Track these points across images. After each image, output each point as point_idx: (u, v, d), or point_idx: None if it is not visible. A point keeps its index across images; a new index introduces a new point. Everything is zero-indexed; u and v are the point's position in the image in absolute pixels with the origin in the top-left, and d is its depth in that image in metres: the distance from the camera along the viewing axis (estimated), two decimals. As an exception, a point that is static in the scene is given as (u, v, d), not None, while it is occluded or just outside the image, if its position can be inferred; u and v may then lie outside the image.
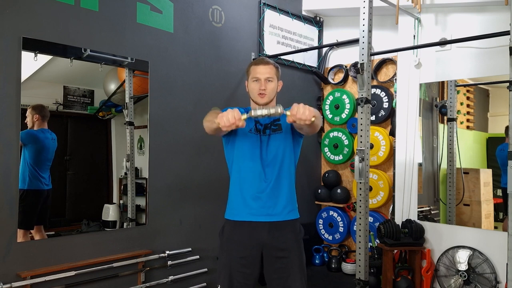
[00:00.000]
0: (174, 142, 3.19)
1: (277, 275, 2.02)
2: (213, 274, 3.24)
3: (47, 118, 2.66)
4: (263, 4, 3.86)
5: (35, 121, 2.59)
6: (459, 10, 3.37)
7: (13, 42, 2.40)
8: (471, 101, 3.75)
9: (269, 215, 2.03)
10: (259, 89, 2.07)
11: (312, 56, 4.42)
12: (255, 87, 2.09)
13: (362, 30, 2.90)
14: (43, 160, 2.66)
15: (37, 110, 2.60)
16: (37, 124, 2.60)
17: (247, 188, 2.05)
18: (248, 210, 2.04)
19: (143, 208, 3.08)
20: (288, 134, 2.10)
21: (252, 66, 2.13)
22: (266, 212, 2.03)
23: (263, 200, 2.03)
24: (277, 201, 2.04)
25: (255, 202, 2.03)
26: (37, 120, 2.59)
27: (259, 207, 2.03)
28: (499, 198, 3.51)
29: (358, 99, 2.92)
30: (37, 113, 2.59)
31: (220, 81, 3.51)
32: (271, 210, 2.03)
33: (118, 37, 2.87)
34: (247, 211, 2.04)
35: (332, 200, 4.30)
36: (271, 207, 2.03)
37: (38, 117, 2.60)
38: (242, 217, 2.05)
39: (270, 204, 2.03)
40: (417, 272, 3.31)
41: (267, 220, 2.03)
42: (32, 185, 2.58)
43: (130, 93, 3.05)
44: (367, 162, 2.87)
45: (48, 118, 2.67)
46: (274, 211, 2.04)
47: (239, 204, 2.07)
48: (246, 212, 2.04)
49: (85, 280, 2.66)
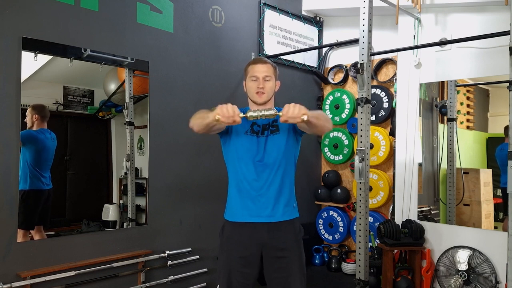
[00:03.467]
0: (174, 142, 3.19)
1: (277, 275, 2.02)
2: (213, 274, 3.24)
3: (46, 118, 2.65)
4: (263, 4, 3.86)
5: (35, 121, 2.58)
6: (459, 10, 3.37)
7: (13, 42, 2.40)
8: (471, 101, 3.75)
9: (268, 216, 2.03)
10: (257, 87, 2.07)
11: (312, 56, 4.42)
12: (253, 86, 2.09)
13: (362, 30, 2.90)
14: (43, 160, 2.66)
15: (36, 110, 2.59)
16: (37, 124, 2.60)
17: (245, 190, 2.05)
18: (247, 212, 2.04)
19: (143, 208, 3.08)
20: (287, 134, 2.10)
21: (250, 66, 2.14)
22: (265, 214, 2.02)
23: (262, 201, 2.02)
24: (276, 202, 2.04)
25: (254, 204, 2.03)
26: (36, 120, 2.59)
27: (257, 209, 2.03)
28: (499, 198, 3.51)
29: (358, 99, 2.92)
30: (36, 113, 2.58)
31: (220, 81, 3.51)
32: (270, 211, 2.03)
33: (118, 37, 2.87)
34: (246, 213, 2.04)
35: (332, 200, 4.30)
36: (270, 208, 2.03)
37: (38, 117, 2.59)
38: (241, 219, 2.05)
39: (269, 205, 2.03)
40: (417, 272, 3.31)
41: (266, 221, 2.02)
42: (33, 185, 2.58)
43: (130, 93, 3.05)
44: (367, 162, 2.87)
45: (48, 118, 2.66)
46: (273, 212, 2.03)
47: (238, 205, 2.07)
48: (245, 214, 2.04)
49: (85, 280, 2.66)
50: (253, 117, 1.86)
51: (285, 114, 1.79)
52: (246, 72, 2.15)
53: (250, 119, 1.87)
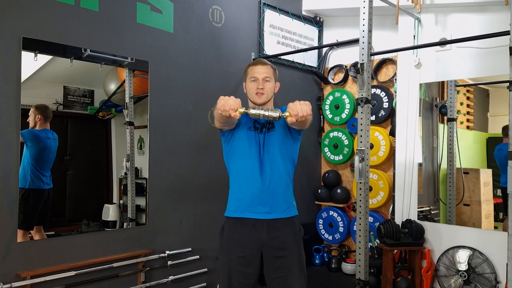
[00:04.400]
0: (174, 142, 3.19)
1: (277, 275, 2.03)
2: (213, 274, 3.24)
3: (49, 119, 2.66)
4: (263, 4, 3.86)
5: (37, 121, 2.58)
6: (459, 10, 3.37)
7: (13, 42, 2.40)
8: (471, 101, 3.75)
9: (268, 212, 2.04)
10: (256, 88, 2.10)
11: (312, 56, 4.42)
12: (253, 87, 2.12)
13: (362, 30, 2.90)
14: (45, 160, 2.67)
15: (40, 110, 2.59)
16: (39, 124, 2.60)
17: (245, 186, 2.07)
18: (246, 208, 2.05)
19: (143, 208, 3.08)
20: (282, 131, 2.11)
21: (250, 67, 2.17)
22: (264, 210, 2.04)
23: (261, 197, 2.04)
24: (275, 198, 2.06)
25: (253, 200, 2.04)
26: (39, 120, 2.59)
27: (257, 205, 2.04)
28: (499, 198, 3.51)
29: (358, 99, 2.92)
30: (39, 113, 2.59)
31: (220, 81, 3.51)
32: (269, 208, 2.04)
33: (118, 37, 2.87)
34: (245, 208, 2.06)
35: (332, 200, 4.30)
36: (269, 204, 2.04)
37: (41, 117, 2.60)
38: (241, 214, 2.06)
39: (268, 202, 2.04)
40: (417, 272, 3.31)
41: (265, 217, 2.04)
42: (34, 185, 2.59)
43: (130, 93, 3.05)
44: (367, 162, 2.87)
45: (51, 118, 2.67)
46: (272, 208, 2.05)
47: (238, 201, 2.08)
48: (245, 210, 2.06)
49: (85, 280, 2.66)
50: (254, 114, 1.85)
51: (296, 114, 1.79)
52: (246, 73, 2.18)
53: (252, 116, 1.87)
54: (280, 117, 1.85)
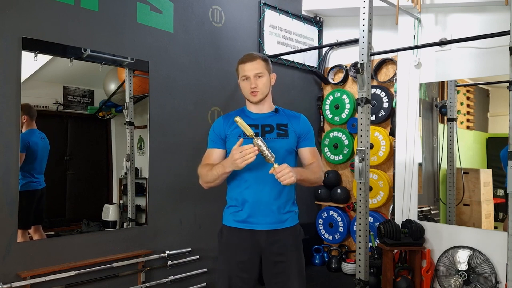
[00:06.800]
0: (174, 142, 3.19)
1: (276, 280, 2.00)
2: (213, 274, 3.24)
3: (34, 117, 2.59)
4: (263, 4, 3.86)
5: (24, 122, 2.52)
6: (459, 10, 3.37)
7: (13, 42, 2.40)
8: (471, 101, 3.75)
9: (268, 223, 1.98)
10: (250, 87, 2.01)
11: (312, 56, 4.42)
12: (246, 86, 2.03)
13: (362, 30, 2.90)
14: (37, 161, 2.62)
15: (24, 111, 2.50)
16: (26, 125, 2.54)
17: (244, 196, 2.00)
18: (245, 219, 1.99)
19: (143, 208, 3.08)
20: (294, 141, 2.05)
21: (239, 65, 2.05)
22: (264, 221, 1.98)
23: (261, 209, 1.97)
24: (276, 209, 1.99)
25: (252, 210, 1.98)
26: (25, 121, 2.53)
27: (256, 215, 1.98)
28: (499, 198, 3.51)
29: (358, 99, 2.92)
30: (24, 114, 2.50)
31: (220, 81, 3.51)
32: (269, 218, 1.98)
33: (118, 37, 2.87)
34: (244, 219, 2.00)
35: (332, 200, 4.30)
36: (270, 216, 1.98)
37: (26, 117, 2.53)
38: (240, 225, 2.01)
39: (268, 213, 1.98)
40: (417, 272, 3.31)
41: (264, 228, 1.98)
42: (24, 187, 2.51)
43: (130, 93, 3.05)
44: (367, 162, 2.87)
45: (36, 116, 2.59)
46: (272, 220, 1.98)
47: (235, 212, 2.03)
48: (244, 220, 2.00)
49: (85, 280, 2.66)
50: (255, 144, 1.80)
51: (277, 173, 1.80)
52: (237, 72, 2.08)
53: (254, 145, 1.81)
54: (271, 162, 1.81)
